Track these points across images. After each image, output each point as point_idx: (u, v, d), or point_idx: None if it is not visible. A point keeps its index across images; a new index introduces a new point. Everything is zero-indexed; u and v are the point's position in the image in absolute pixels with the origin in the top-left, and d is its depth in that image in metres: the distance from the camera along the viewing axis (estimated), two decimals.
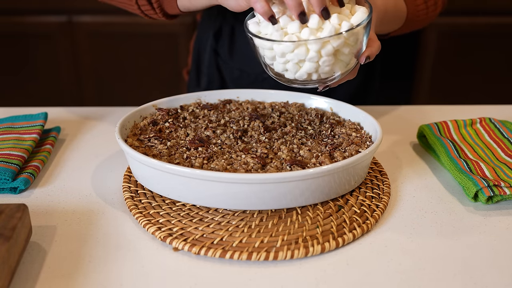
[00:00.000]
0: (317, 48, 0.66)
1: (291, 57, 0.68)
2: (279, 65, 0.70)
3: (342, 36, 0.66)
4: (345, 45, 0.67)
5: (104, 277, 0.58)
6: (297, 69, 0.69)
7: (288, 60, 0.69)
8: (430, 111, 1.04)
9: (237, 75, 1.08)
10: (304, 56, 0.67)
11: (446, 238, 0.65)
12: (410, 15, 0.92)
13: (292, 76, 0.71)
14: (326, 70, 0.69)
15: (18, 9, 2.01)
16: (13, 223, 0.58)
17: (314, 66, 0.68)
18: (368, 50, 0.71)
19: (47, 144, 0.85)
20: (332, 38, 0.66)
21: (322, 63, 0.68)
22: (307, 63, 0.68)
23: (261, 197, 0.65)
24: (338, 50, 0.68)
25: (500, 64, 2.09)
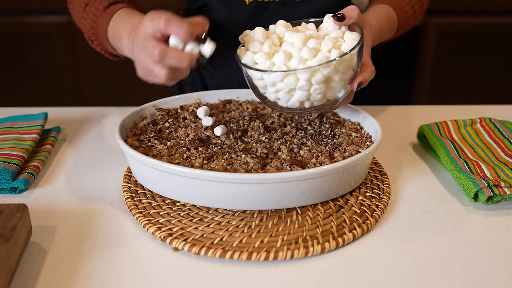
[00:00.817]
0: (306, 77, 0.66)
1: (281, 86, 0.68)
2: (271, 94, 0.70)
3: (332, 64, 0.66)
4: (336, 72, 0.67)
5: (104, 277, 0.58)
6: (289, 98, 0.69)
7: (279, 90, 0.69)
8: (430, 111, 1.04)
9: (220, 82, 1.08)
10: (294, 85, 0.67)
11: (446, 238, 0.65)
12: (400, 23, 0.93)
13: (285, 105, 0.71)
14: (318, 98, 0.69)
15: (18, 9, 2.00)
16: (13, 223, 0.58)
17: (305, 95, 0.68)
18: (361, 76, 0.71)
19: (47, 144, 0.85)
20: (321, 67, 0.66)
21: (313, 91, 0.68)
22: (298, 92, 0.68)
23: (261, 197, 0.65)
24: (329, 78, 0.68)
25: (500, 64, 2.09)
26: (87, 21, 0.84)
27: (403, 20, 0.94)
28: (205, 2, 1.01)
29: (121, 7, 0.81)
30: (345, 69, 0.68)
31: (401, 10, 0.93)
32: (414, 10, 0.96)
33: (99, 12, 0.82)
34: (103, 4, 0.82)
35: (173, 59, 0.64)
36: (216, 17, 1.02)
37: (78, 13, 0.87)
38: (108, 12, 0.81)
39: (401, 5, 0.94)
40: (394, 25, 0.92)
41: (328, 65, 0.66)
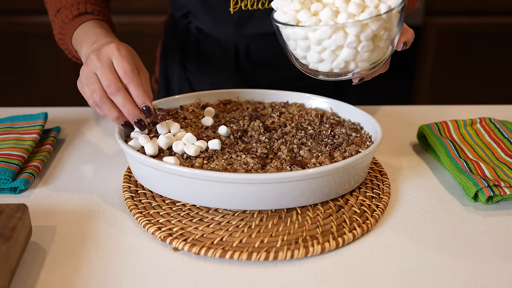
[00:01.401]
0: (356, 31, 0.63)
1: (328, 43, 0.64)
2: (314, 55, 0.66)
3: (381, 18, 0.63)
4: (383, 29, 0.64)
5: (104, 277, 0.58)
6: (334, 58, 0.66)
7: (324, 48, 0.65)
8: (430, 111, 1.04)
9: (207, 88, 1.07)
10: (343, 42, 0.64)
11: (446, 238, 0.65)
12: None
13: (328, 67, 0.67)
14: (365, 57, 0.66)
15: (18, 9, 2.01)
16: (13, 223, 0.58)
17: (352, 53, 0.65)
18: (404, 36, 0.69)
19: (47, 144, 0.85)
20: (371, 21, 0.63)
21: (361, 48, 0.65)
22: (346, 50, 0.65)
23: (261, 197, 0.65)
24: (376, 35, 0.65)
25: (500, 64, 2.09)
26: (56, 25, 0.89)
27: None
28: (190, 10, 1.01)
29: (90, 19, 0.85)
30: (391, 27, 0.66)
31: None
32: None
33: (67, 19, 0.86)
34: (73, 13, 0.86)
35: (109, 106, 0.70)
36: (201, 25, 1.02)
37: (51, 15, 0.91)
38: (76, 21, 0.85)
39: None
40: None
41: (378, 20, 0.63)
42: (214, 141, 0.73)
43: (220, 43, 1.03)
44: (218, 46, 1.03)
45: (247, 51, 1.02)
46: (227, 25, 0.98)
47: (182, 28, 1.06)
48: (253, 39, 1.00)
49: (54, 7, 0.89)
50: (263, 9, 0.95)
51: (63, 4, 0.88)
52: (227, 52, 1.03)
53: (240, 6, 0.94)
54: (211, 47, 1.04)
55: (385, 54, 0.68)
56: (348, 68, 0.67)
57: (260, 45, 1.02)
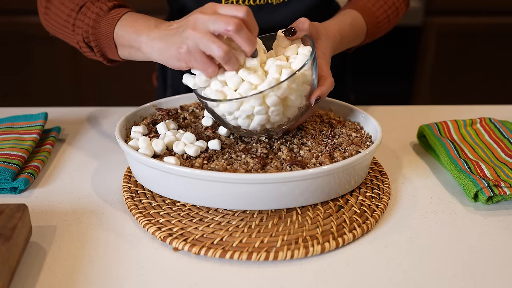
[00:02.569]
0: (260, 102, 0.66)
1: (238, 114, 0.68)
2: (231, 121, 0.70)
3: (283, 85, 0.65)
4: (290, 92, 0.67)
5: (104, 277, 0.58)
6: (249, 123, 0.69)
7: (237, 117, 0.69)
8: (430, 111, 1.04)
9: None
10: (251, 111, 0.67)
11: (446, 238, 0.65)
12: (371, 28, 0.92)
13: (248, 129, 0.71)
14: (277, 119, 0.69)
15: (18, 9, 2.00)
16: (13, 223, 0.58)
17: (264, 118, 0.68)
18: (318, 90, 0.71)
19: (47, 144, 0.85)
20: (273, 90, 0.65)
21: (271, 113, 0.68)
22: (257, 117, 0.68)
23: (261, 197, 0.65)
24: (285, 97, 0.67)
25: (500, 64, 2.09)
26: (84, 22, 0.80)
27: (373, 25, 0.92)
28: (183, 5, 1.01)
29: (126, 11, 0.79)
30: (300, 86, 0.68)
31: (371, 16, 0.92)
32: (388, 15, 0.94)
33: (103, 12, 0.79)
34: (108, 5, 0.80)
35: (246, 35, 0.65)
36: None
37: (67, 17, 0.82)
38: (114, 14, 0.79)
39: (372, 11, 0.92)
40: (360, 31, 0.91)
41: (279, 87, 0.65)
42: (214, 141, 0.73)
43: None
44: None
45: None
46: None
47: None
48: None
49: (72, 5, 0.81)
50: (255, 5, 0.95)
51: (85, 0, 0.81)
52: None
53: (232, 2, 0.95)
54: None
55: (301, 108, 0.71)
56: (266, 127, 0.71)
57: None
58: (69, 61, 2.09)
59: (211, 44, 0.65)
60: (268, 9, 0.96)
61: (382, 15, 0.93)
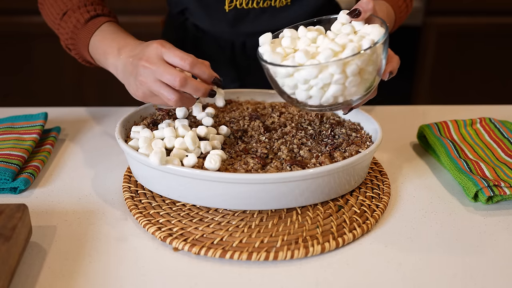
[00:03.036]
0: (341, 69, 0.64)
1: (315, 82, 0.65)
2: (302, 92, 0.67)
3: (366, 53, 0.64)
4: (369, 62, 0.65)
5: (104, 277, 0.58)
6: (322, 94, 0.66)
7: (311, 86, 0.66)
8: (430, 111, 1.04)
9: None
10: (330, 80, 0.64)
11: (446, 238, 0.65)
12: (396, 17, 0.93)
13: (318, 102, 0.68)
14: (352, 91, 0.67)
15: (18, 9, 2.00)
16: (13, 223, 0.58)
17: (340, 88, 0.66)
18: (389, 65, 0.70)
19: (47, 144, 0.85)
20: (356, 57, 0.63)
21: (348, 83, 0.65)
22: (333, 86, 0.65)
23: (261, 197, 0.65)
24: (362, 69, 0.65)
25: (500, 64, 2.09)
26: (65, 30, 0.84)
27: (398, 15, 0.94)
28: (186, 7, 1.01)
29: (103, 21, 0.82)
30: (377, 59, 0.66)
31: (396, 5, 0.93)
32: (407, 4, 0.96)
33: (80, 24, 0.82)
34: (84, 16, 0.82)
35: (192, 87, 0.69)
36: (198, 22, 1.02)
37: (53, 19, 0.86)
38: (90, 26, 0.81)
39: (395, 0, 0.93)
40: (392, 20, 0.92)
41: (362, 55, 0.64)
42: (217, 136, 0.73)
43: (217, 40, 1.04)
44: (215, 42, 1.04)
45: (243, 48, 1.03)
46: (222, 22, 0.98)
47: (179, 25, 1.06)
48: (248, 36, 1.01)
49: (57, 9, 0.85)
50: (258, 8, 0.95)
51: (68, 6, 0.84)
52: (224, 49, 1.04)
53: (235, 5, 0.95)
54: (208, 43, 1.05)
55: (372, 84, 0.69)
56: (337, 101, 0.68)
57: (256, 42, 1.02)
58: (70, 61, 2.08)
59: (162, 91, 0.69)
60: (272, 12, 0.97)
61: (403, 4, 0.94)
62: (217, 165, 0.67)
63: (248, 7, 0.96)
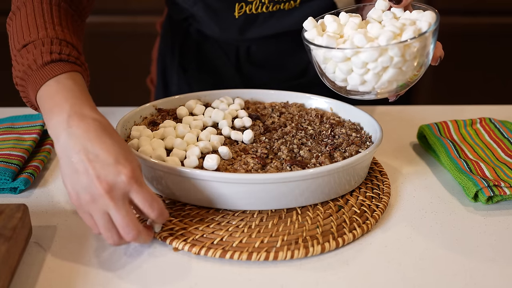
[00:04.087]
0: (401, 52, 0.62)
1: (373, 66, 0.63)
2: (357, 77, 0.65)
3: (425, 36, 0.63)
4: (424, 46, 0.64)
5: (104, 277, 0.58)
6: (378, 79, 0.65)
7: (368, 70, 0.64)
8: (430, 111, 1.04)
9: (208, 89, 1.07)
10: (389, 63, 0.63)
11: (446, 238, 0.65)
12: None
13: (370, 87, 0.66)
14: (408, 76, 0.65)
15: None
16: (13, 223, 0.58)
17: (396, 73, 0.64)
18: (438, 50, 0.69)
19: (47, 144, 0.85)
20: (416, 40, 0.62)
21: (406, 67, 0.64)
22: (390, 70, 0.64)
23: (261, 197, 0.65)
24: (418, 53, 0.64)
25: (500, 64, 2.09)
26: (18, 65, 0.67)
27: None
28: (191, 14, 1.01)
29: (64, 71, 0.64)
30: (430, 43, 0.65)
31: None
32: None
33: (35, 65, 0.65)
34: (44, 58, 0.65)
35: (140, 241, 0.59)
36: (205, 29, 1.02)
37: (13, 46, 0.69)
38: (47, 71, 0.64)
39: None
40: None
41: (422, 38, 0.63)
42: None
43: (221, 45, 1.03)
44: (219, 48, 1.04)
45: (248, 53, 1.03)
46: (231, 29, 0.98)
47: (181, 31, 1.05)
48: (254, 41, 1.01)
49: (19, 38, 0.68)
50: (267, 12, 0.95)
51: (32, 37, 0.67)
52: (228, 54, 1.03)
53: (245, 10, 0.94)
54: (211, 49, 1.04)
55: (420, 69, 0.67)
56: (392, 87, 0.66)
57: (260, 46, 1.02)
58: None
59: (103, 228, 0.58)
60: (280, 15, 0.97)
61: None
62: (214, 162, 0.67)
63: (257, 12, 0.96)
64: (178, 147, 0.70)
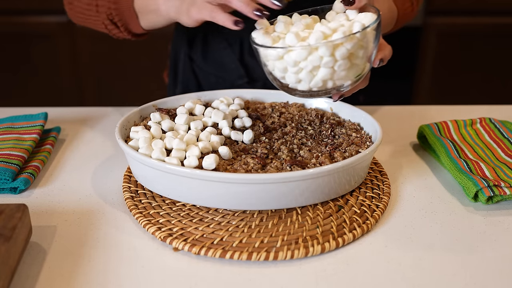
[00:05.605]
0: (330, 51, 0.63)
1: (304, 64, 0.65)
2: (292, 75, 0.67)
3: (355, 37, 0.64)
4: (359, 47, 0.65)
5: (104, 277, 0.58)
6: (312, 78, 0.66)
7: (301, 69, 0.66)
8: (430, 111, 1.04)
9: (213, 81, 1.08)
10: (319, 62, 0.64)
11: (446, 238, 0.65)
12: (400, 16, 0.92)
13: (307, 86, 0.68)
14: (342, 76, 0.66)
15: (18, 9, 2.01)
16: (13, 223, 0.58)
17: (329, 72, 0.65)
18: (380, 53, 0.70)
19: (47, 144, 0.85)
20: (344, 40, 0.63)
21: (337, 67, 0.65)
22: (322, 69, 0.65)
23: (261, 197, 0.65)
24: (352, 54, 0.65)
25: (500, 64, 2.09)
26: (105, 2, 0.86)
27: (402, 12, 0.93)
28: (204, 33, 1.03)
29: None
30: (367, 45, 0.66)
31: (400, 2, 0.93)
32: (412, 2, 0.95)
33: None
34: None
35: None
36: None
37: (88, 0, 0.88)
38: None
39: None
40: (394, 17, 0.91)
41: (352, 38, 0.64)
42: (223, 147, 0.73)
43: (227, 38, 1.04)
44: (224, 40, 1.05)
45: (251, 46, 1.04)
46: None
47: None
48: None
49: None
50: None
51: None
52: (232, 46, 1.04)
53: None
54: (217, 40, 1.05)
55: (363, 71, 0.69)
56: (326, 86, 0.68)
57: None
58: (69, 61, 2.09)
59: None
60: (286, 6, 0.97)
61: (407, 2, 0.94)
62: (212, 161, 0.67)
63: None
64: (178, 147, 0.70)
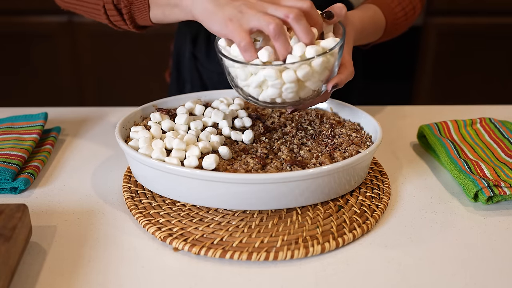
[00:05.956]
0: (275, 75, 0.65)
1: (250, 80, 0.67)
2: (244, 86, 0.69)
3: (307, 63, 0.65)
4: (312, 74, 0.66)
5: (104, 277, 0.58)
6: (259, 92, 0.68)
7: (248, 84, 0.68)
8: (430, 111, 1.04)
9: (216, 79, 1.08)
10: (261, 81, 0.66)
11: (446, 238, 0.65)
12: (389, 25, 0.92)
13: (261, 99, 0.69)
14: (290, 97, 0.68)
15: (18, 9, 2.01)
16: (13, 223, 0.58)
17: (276, 92, 0.67)
18: (337, 77, 0.70)
19: (47, 144, 0.85)
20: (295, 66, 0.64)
21: (284, 89, 0.67)
22: (270, 88, 0.67)
23: (261, 197, 0.65)
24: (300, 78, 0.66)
25: (500, 64, 2.09)
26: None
27: (392, 21, 0.92)
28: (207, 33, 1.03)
29: None
30: (322, 70, 0.67)
31: (390, 12, 0.92)
32: (406, 12, 0.94)
33: None
34: None
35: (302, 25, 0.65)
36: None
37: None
38: None
39: (391, 7, 0.92)
40: (379, 26, 0.90)
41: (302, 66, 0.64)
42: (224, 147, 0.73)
43: None
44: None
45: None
46: None
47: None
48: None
49: None
50: None
51: None
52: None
53: None
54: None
55: (317, 90, 0.69)
56: (275, 102, 0.69)
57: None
58: (69, 61, 2.09)
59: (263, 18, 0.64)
60: None
61: (400, 12, 0.93)
62: (212, 161, 0.67)
63: None
64: (178, 147, 0.70)
